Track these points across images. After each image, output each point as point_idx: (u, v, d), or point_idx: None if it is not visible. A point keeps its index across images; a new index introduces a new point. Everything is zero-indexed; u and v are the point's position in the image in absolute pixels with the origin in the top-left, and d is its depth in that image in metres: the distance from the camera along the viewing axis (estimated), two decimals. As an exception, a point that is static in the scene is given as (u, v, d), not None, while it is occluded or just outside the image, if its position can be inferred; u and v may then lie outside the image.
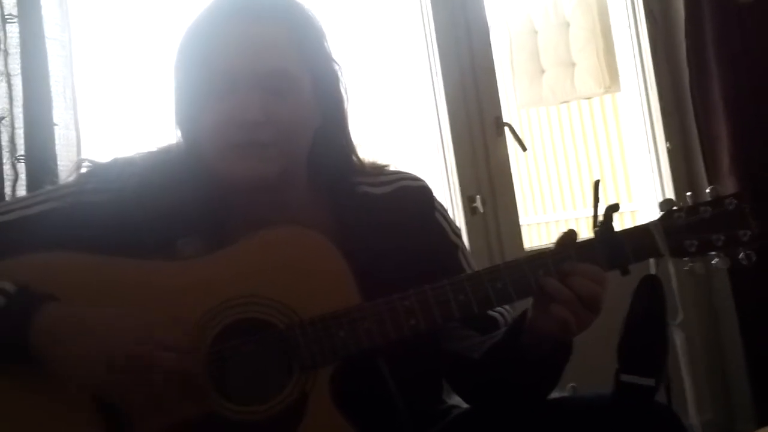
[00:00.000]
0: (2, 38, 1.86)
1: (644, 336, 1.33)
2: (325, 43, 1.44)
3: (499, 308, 1.42)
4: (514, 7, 4.75)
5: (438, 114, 2.67)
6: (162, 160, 1.41)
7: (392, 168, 1.53)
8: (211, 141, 1.36)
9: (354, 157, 1.49)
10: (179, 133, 1.43)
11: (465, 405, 1.49)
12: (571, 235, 1.35)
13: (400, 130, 2.97)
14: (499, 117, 2.70)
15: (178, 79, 1.41)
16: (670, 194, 2.95)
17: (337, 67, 1.45)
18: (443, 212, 1.52)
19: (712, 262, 1.37)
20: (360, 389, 1.30)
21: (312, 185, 1.46)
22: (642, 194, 3.18)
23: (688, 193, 1.39)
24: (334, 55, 1.45)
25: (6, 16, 1.87)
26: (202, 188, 1.38)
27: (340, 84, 1.45)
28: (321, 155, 1.45)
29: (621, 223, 1.37)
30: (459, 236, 1.53)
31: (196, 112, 1.38)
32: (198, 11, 1.41)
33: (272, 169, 1.35)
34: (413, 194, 1.50)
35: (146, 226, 1.33)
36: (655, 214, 1.39)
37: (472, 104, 2.67)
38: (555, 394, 1.45)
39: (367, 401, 1.31)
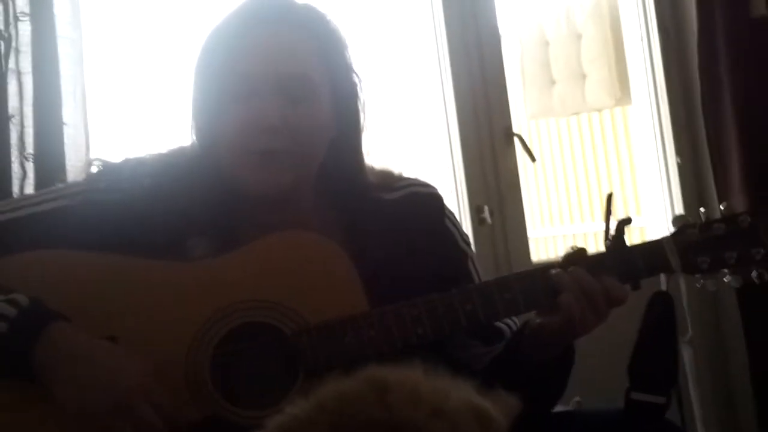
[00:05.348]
0: (14, 36, 1.85)
1: (655, 353, 1.32)
2: (347, 55, 1.43)
3: (506, 320, 1.41)
4: (525, 17, 4.75)
5: (447, 123, 2.65)
6: (174, 161, 1.41)
7: (403, 176, 1.52)
8: (228, 145, 1.36)
9: (364, 170, 1.47)
10: (194, 136, 1.42)
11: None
12: (580, 251, 1.34)
13: (409, 139, 2.96)
14: (508, 127, 2.68)
15: (199, 81, 1.41)
16: (680, 210, 2.92)
17: (357, 80, 1.44)
18: (453, 219, 1.51)
19: (724, 279, 1.36)
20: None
21: (320, 191, 1.45)
22: (651, 209, 3.16)
23: (702, 209, 1.38)
24: (356, 68, 1.44)
25: (18, 14, 1.86)
26: (214, 191, 1.37)
27: (359, 97, 1.45)
28: (332, 166, 1.44)
29: (629, 237, 1.36)
30: (468, 244, 1.52)
31: (215, 115, 1.37)
32: (223, 15, 1.41)
33: (285, 180, 1.35)
34: (423, 200, 1.49)
35: (157, 226, 1.32)
36: (663, 229, 1.37)
37: (481, 114, 2.65)
38: (560, 408, 1.43)
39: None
